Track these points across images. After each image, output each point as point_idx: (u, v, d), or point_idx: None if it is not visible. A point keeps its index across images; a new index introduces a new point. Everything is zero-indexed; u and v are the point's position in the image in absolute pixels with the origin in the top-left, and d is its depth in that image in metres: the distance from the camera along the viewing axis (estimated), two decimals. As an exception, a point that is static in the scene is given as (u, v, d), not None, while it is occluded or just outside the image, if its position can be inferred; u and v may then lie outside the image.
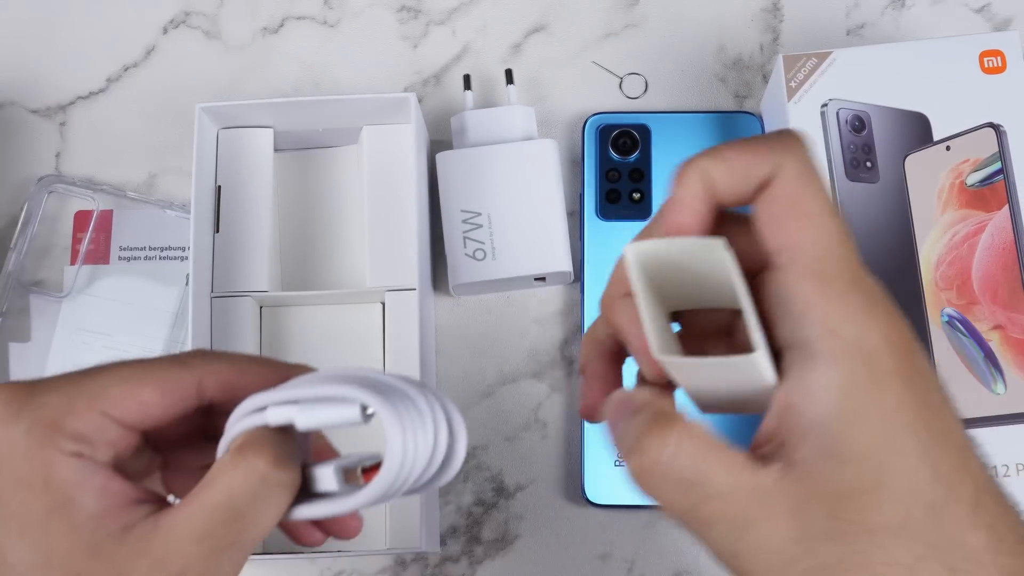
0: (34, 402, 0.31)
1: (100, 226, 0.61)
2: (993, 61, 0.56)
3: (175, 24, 0.65)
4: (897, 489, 0.28)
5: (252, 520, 0.31)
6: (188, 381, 0.33)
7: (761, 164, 0.30)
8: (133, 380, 0.32)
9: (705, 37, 0.64)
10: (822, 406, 0.28)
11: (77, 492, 0.31)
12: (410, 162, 0.56)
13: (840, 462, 0.28)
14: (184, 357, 0.34)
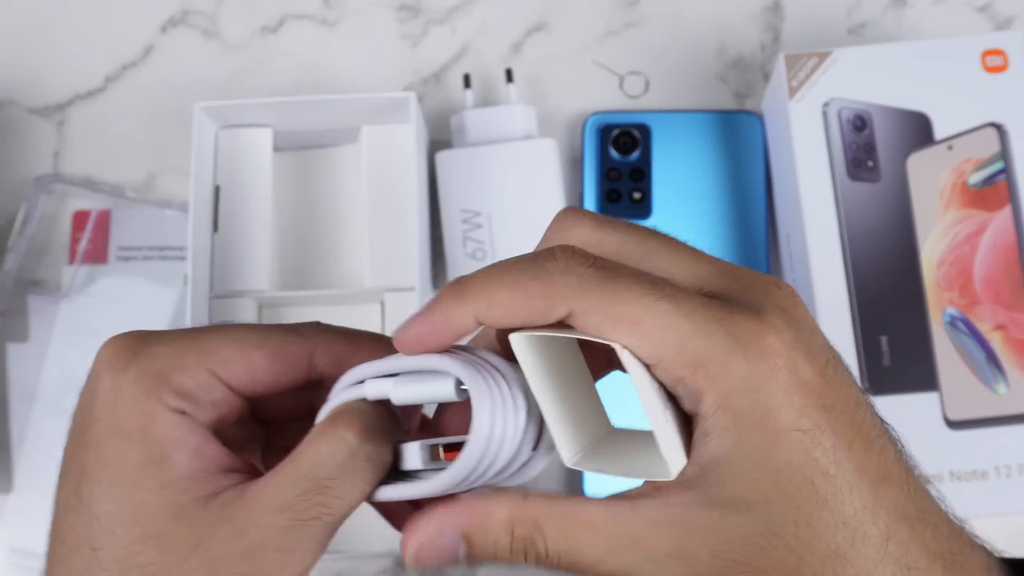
0: (146, 352, 0.31)
1: (98, 226, 0.61)
2: (995, 60, 0.56)
3: (174, 23, 0.65)
4: (788, 539, 0.28)
5: (335, 494, 0.30)
6: (301, 350, 0.32)
7: (555, 308, 0.29)
8: (247, 343, 0.32)
9: (706, 36, 0.64)
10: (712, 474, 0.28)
11: (173, 449, 0.30)
12: (410, 162, 0.56)
13: (722, 512, 0.28)
14: (299, 327, 0.33)
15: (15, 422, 0.57)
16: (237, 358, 0.31)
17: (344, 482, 0.30)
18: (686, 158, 0.61)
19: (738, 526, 0.28)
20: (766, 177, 0.61)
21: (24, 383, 0.58)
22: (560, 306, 0.28)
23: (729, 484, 0.28)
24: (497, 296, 0.29)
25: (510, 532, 0.29)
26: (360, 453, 0.30)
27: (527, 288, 0.29)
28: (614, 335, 0.28)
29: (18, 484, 0.57)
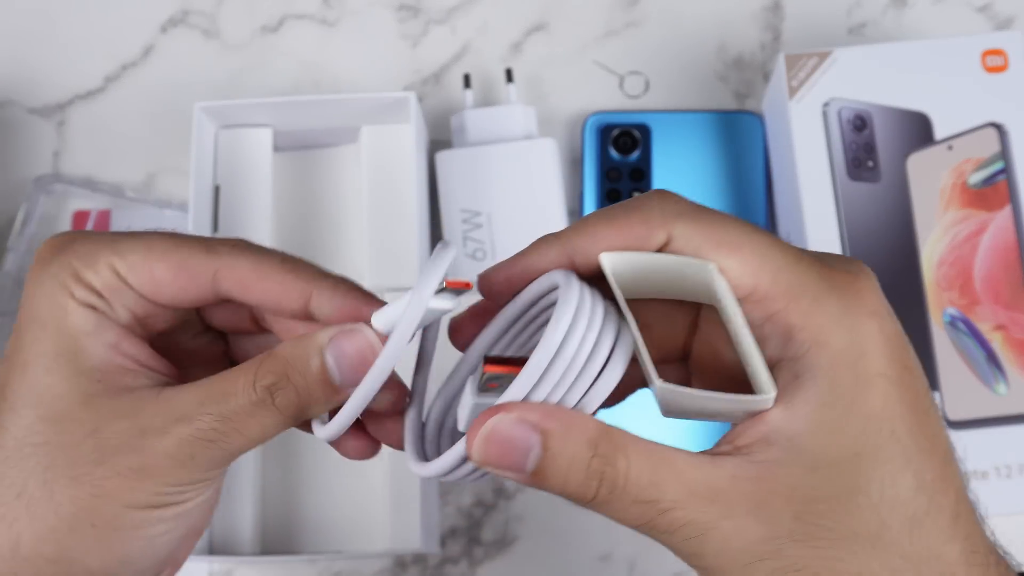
0: (68, 248, 0.31)
1: (98, 226, 0.61)
2: (995, 60, 0.56)
3: (174, 23, 0.65)
4: (874, 498, 0.27)
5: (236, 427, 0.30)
6: (205, 268, 0.32)
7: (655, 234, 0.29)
8: (155, 252, 0.31)
9: (706, 36, 0.64)
10: (801, 421, 0.27)
11: (87, 342, 0.31)
12: (410, 161, 0.56)
13: (809, 466, 0.27)
14: (214, 243, 0.32)
15: (15, 422, 0.57)
16: (141, 266, 0.31)
17: (243, 421, 0.30)
18: (686, 158, 0.61)
19: (824, 485, 0.27)
20: (766, 177, 0.61)
21: (24, 383, 0.58)
22: (659, 231, 0.29)
23: (818, 434, 0.27)
24: (596, 227, 0.29)
25: (593, 447, 0.27)
26: (267, 403, 0.30)
27: (627, 217, 0.29)
28: (714, 255, 0.28)
29: (18, 484, 0.57)
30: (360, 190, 0.58)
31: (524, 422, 0.27)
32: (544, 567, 0.57)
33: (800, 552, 0.27)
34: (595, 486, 0.27)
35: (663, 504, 0.27)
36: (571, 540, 0.57)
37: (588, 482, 0.27)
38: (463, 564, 0.57)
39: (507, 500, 0.57)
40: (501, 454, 0.27)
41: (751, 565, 0.27)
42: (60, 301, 0.31)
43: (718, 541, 0.27)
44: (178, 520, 0.31)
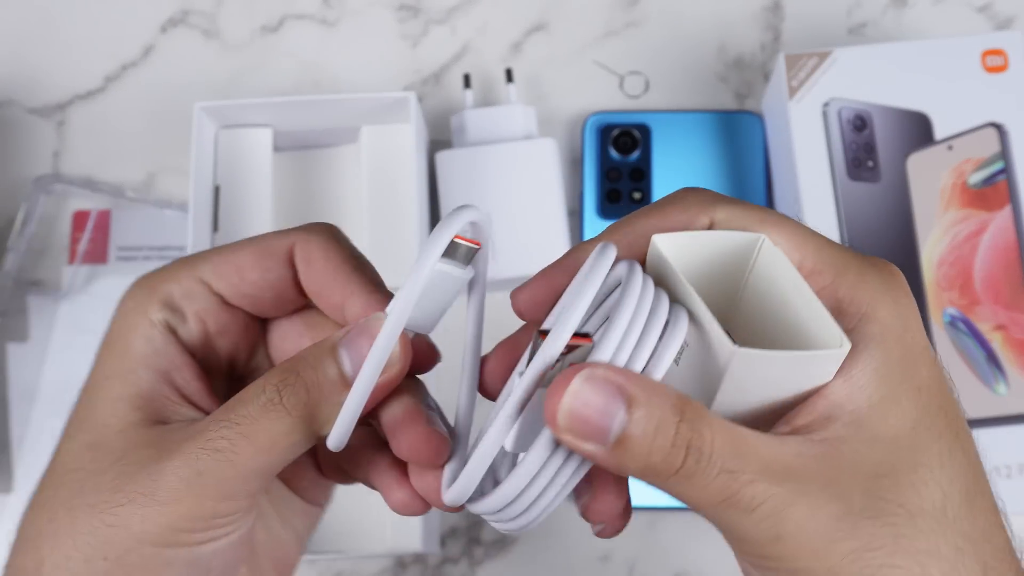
0: (149, 273, 0.33)
1: (98, 226, 0.61)
2: (995, 60, 0.56)
3: (174, 23, 0.65)
4: (935, 471, 0.26)
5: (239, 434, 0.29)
6: (282, 245, 0.32)
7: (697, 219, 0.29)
8: (232, 247, 0.33)
9: (706, 36, 0.64)
10: (861, 391, 0.27)
11: (140, 366, 0.31)
12: (410, 161, 0.56)
13: (871, 441, 0.26)
14: (286, 229, 0.33)
15: (15, 422, 0.57)
16: (223, 260, 0.32)
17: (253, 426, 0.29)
18: (686, 158, 0.61)
19: (888, 459, 0.26)
20: (766, 177, 0.61)
21: (24, 383, 0.58)
22: (701, 216, 0.29)
23: (878, 407, 0.27)
24: (635, 222, 0.29)
25: (679, 412, 0.26)
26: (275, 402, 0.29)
27: (663, 209, 0.29)
28: (760, 228, 0.28)
29: (18, 484, 0.57)
30: (360, 190, 0.58)
31: (609, 383, 0.25)
32: (544, 567, 0.57)
33: (874, 530, 0.26)
34: (682, 456, 0.25)
35: (747, 475, 0.25)
36: (571, 540, 0.57)
37: (675, 451, 0.25)
38: (463, 564, 0.57)
39: (507, 500, 0.57)
40: (586, 417, 0.25)
41: (829, 546, 0.26)
42: (132, 321, 0.32)
43: (796, 520, 0.26)
44: (191, 569, 0.30)
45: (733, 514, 0.26)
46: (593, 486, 0.31)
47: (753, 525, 0.26)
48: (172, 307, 0.32)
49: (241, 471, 0.29)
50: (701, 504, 0.26)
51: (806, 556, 0.26)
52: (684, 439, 0.25)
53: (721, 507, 0.26)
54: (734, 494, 0.25)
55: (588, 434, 0.25)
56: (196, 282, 0.32)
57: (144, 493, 0.29)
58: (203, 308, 0.32)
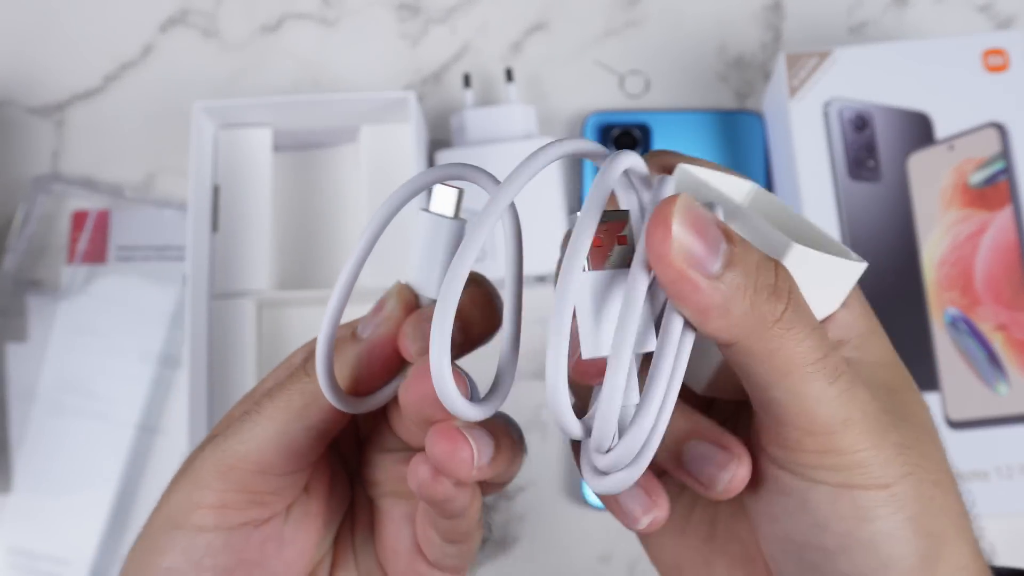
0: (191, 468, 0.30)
1: (97, 226, 0.61)
2: (996, 60, 0.56)
3: (173, 23, 0.65)
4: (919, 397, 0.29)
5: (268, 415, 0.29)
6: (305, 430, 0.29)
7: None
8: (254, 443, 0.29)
9: (706, 35, 0.64)
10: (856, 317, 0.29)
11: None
12: (409, 161, 0.56)
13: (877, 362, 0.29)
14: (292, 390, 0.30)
15: (14, 422, 0.57)
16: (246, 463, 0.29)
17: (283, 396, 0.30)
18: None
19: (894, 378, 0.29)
20: (767, 177, 0.60)
21: (23, 383, 0.58)
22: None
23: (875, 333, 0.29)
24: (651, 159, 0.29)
25: (773, 260, 0.25)
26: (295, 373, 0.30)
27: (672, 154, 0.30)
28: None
29: (17, 484, 0.57)
30: (360, 190, 0.58)
31: (706, 214, 0.24)
32: (544, 568, 0.57)
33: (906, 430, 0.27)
34: (785, 298, 0.24)
35: (828, 340, 0.25)
36: (571, 540, 0.57)
37: (779, 292, 0.24)
38: (463, 564, 0.57)
39: (507, 500, 0.57)
40: (693, 241, 0.23)
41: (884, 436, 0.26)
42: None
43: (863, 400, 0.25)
44: None
45: (818, 385, 0.25)
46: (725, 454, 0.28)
47: (829, 400, 0.25)
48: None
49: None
50: (794, 365, 0.25)
51: (867, 444, 0.25)
52: (785, 283, 0.24)
53: (809, 371, 0.25)
54: (825, 356, 0.25)
55: (698, 260, 0.23)
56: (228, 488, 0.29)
57: None
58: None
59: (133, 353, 0.58)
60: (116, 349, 0.58)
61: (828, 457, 0.26)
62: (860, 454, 0.25)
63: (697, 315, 0.24)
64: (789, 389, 0.25)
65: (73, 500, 0.56)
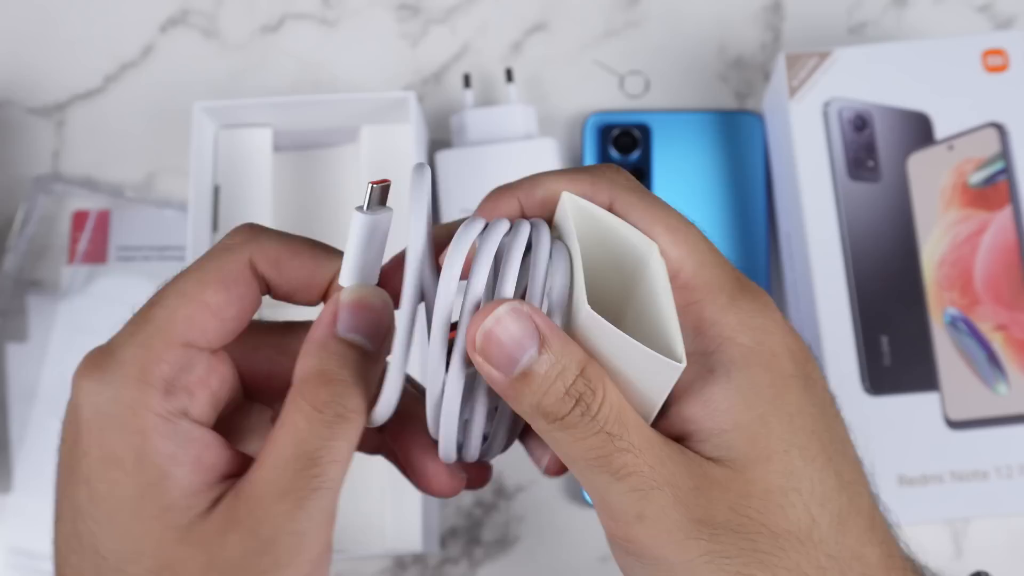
0: (114, 361, 0.28)
1: (98, 226, 0.61)
2: (996, 60, 0.56)
3: (173, 23, 0.65)
4: (804, 494, 0.27)
5: (328, 459, 0.28)
6: (241, 265, 0.30)
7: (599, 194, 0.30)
8: (192, 290, 0.29)
9: (706, 35, 0.64)
10: (723, 415, 0.28)
11: (171, 466, 0.28)
12: (410, 161, 0.56)
13: (741, 465, 0.27)
14: (228, 242, 0.31)
15: (15, 422, 0.57)
16: (195, 311, 0.29)
17: (331, 447, 0.28)
18: (686, 158, 0.60)
19: (758, 481, 0.27)
20: (766, 177, 0.61)
21: (24, 383, 0.58)
22: (604, 194, 0.29)
23: (746, 431, 0.27)
24: (544, 179, 0.30)
25: (581, 367, 0.27)
26: (337, 420, 0.28)
27: (576, 175, 0.30)
28: (650, 231, 0.29)
29: (17, 484, 0.57)
30: (360, 190, 0.58)
31: (531, 321, 0.27)
32: (544, 567, 0.57)
33: (735, 541, 0.27)
34: (571, 405, 0.27)
35: (624, 443, 0.27)
36: (571, 540, 0.57)
37: (566, 399, 0.27)
38: (463, 564, 0.57)
39: (507, 500, 0.57)
40: (502, 342, 0.27)
41: (686, 542, 0.27)
42: (138, 425, 0.28)
43: (661, 505, 0.27)
44: None
45: (603, 478, 0.27)
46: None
47: (620, 495, 0.27)
48: (175, 390, 0.28)
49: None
50: (575, 457, 0.27)
51: (665, 545, 0.27)
52: (578, 391, 0.27)
53: (593, 465, 0.27)
54: (608, 455, 0.27)
55: (498, 360, 0.27)
56: (181, 348, 0.29)
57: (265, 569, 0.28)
58: (204, 373, 0.29)
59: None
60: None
61: (632, 545, 0.28)
62: (659, 551, 0.27)
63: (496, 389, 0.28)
64: (578, 474, 0.28)
65: (73, 500, 0.56)
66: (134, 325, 0.30)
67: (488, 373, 0.28)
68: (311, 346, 0.30)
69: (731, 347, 0.28)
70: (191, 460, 0.28)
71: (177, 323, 0.29)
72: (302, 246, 0.31)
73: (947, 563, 0.56)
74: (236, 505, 0.28)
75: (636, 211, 0.29)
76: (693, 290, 0.29)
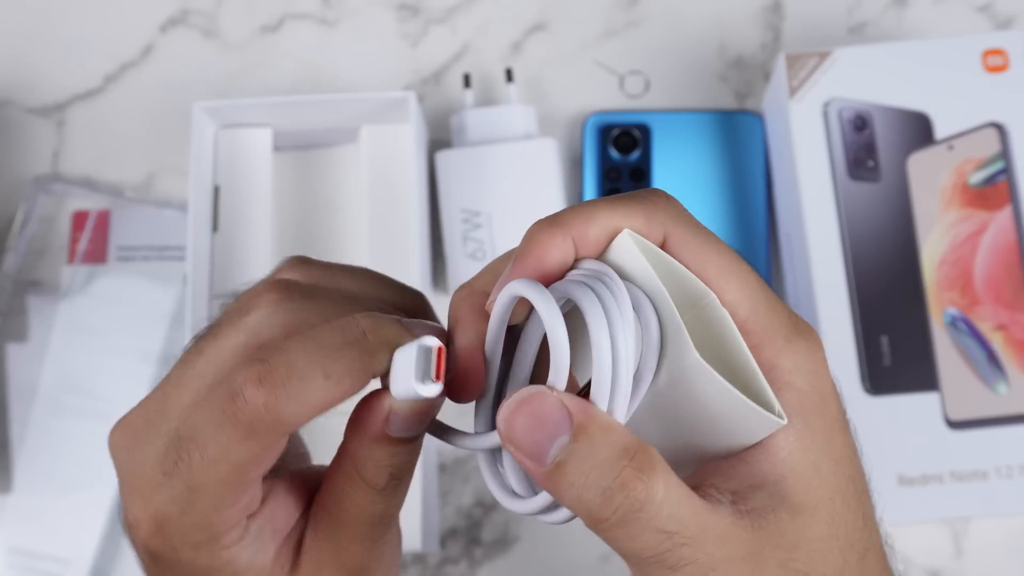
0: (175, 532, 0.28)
1: (98, 226, 0.61)
2: (996, 60, 0.56)
3: (173, 23, 0.65)
4: (840, 539, 0.27)
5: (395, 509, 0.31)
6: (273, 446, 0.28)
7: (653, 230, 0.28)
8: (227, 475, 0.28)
9: (706, 35, 0.64)
10: (782, 464, 0.27)
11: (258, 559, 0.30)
12: (410, 161, 0.56)
13: (793, 513, 0.27)
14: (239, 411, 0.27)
15: (15, 422, 0.57)
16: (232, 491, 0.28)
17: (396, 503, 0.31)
18: (686, 158, 0.60)
19: (806, 529, 0.27)
20: (766, 177, 0.61)
21: (24, 383, 0.58)
22: (658, 229, 0.28)
23: (801, 478, 0.27)
24: (597, 214, 0.28)
25: (628, 456, 0.25)
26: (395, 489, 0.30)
27: (627, 208, 0.28)
28: (703, 275, 0.28)
29: (17, 484, 0.57)
30: (360, 190, 0.58)
31: (561, 407, 0.25)
32: (544, 567, 0.57)
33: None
34: (616, 504, 0.25)
35: (681, 538, 0.25)
36: (571, 540, 0.57)
37: (611, 497, 0.25)
38: (463, 564, 0.57)
39: (507, 500, 0.57)
40: (528, 429, 0.25)
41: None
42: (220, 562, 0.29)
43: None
44: None
45: (656, 569, 0.26)
46: None
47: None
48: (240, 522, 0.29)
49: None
50: (628, 553, 0.26)
51: None
52: (623, 487, 0.25)
53: (648, 560, 0.26)
54: (665, 552, 0.25)
55: (527, 448, 0.26)
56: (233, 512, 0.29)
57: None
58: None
59: (133, 353, 0.58)
60: (116, 349, 0.58)
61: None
62: None
63: None
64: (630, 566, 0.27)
65: (73, 500, 0.56)
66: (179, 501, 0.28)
67: (523, 464, 0.26)
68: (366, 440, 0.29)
69: (789, 392, 0.28)
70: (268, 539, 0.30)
71: (226, 502, 0.28)
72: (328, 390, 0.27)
73: (947, 563, 0.56)
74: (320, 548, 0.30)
75: (690, 249, 0.28)
76: (748, 334, 0.28)
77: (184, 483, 0.27)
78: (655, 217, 0.28)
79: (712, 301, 0.28)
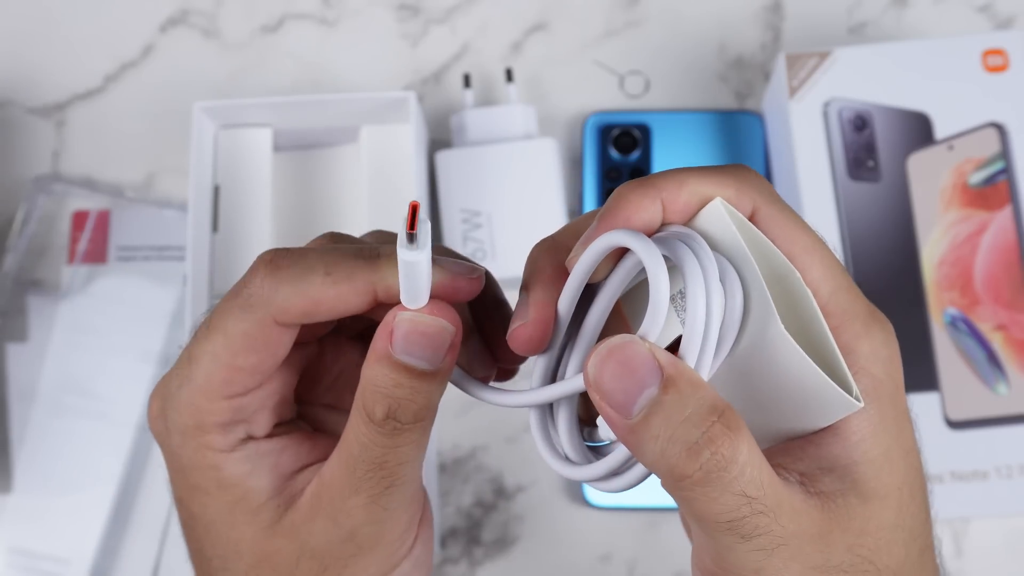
0: (173, 411, 0.30)
1: (98, 226, 0.61)
2: (996, 60, 0.56)
3: (173, 23, 0.65)
4: (905, 531, 0.27)
5: (395, 463, 0.29)
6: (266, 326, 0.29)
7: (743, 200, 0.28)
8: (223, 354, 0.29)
9: (706, 35, 0.64)
10: (855, 448, 0.27)
11: (250, 481, 0.30)
12: (409, 161, 0.56)
13: (864, 499, 0.27)
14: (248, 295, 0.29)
15: (15, 422, 0.57)
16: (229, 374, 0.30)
17: (396, 452, 0.29)
18: (686, 158, 0.60)
19: (875, 517, 0.27)
20: (766, 177, 0.60)
21: (24, 383, 0.58)
22: (747, 202, 0.28)
23: (872, 465, 0.27)
24: (689, 180, 0.27)
25: (716, 413, 0.24)
26: (395, 432, 0.29)
27: (719, 177, 0.28)
28: (789, 252, 0.27)
29: (17, 484, 0.57)
30: (360, 190, 0.58)
31: (650, 357, 0.25)
32: (544, 567, 0.57)
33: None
34: (702, 459, 0.24)
35: (760, 504, 0.25)
36: (571, 540, 0.57)
37: (695, 454, 0.24)
38: (463, 564, 0.57)
39: (507, 500, 0.57)
40: (616, 377, 0.25)
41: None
42: (205, 462, 0.30)
43: (782, 560, 0.26)
44: None
45: (729, 537, 0.25)
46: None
47: (744, 553, 0.26)
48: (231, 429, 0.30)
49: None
50: (705, 517, 0.25)
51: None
52: (709, 443, 0.24)
53: (723, 526, 0.25)
54: (743, 518, 0.25)
55: (613, 399, 0.25)
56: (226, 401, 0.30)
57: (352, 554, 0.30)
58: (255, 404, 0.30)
59: (133, 353, 0.58)
60: (116, 349, 0.58)
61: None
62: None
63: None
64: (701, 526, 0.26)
65: (74, 500, 0.56)
66: (180, 376, 0.30)
67: (607, 416, 0.25)
68: (371, 360, 0.29)
69: (864, 378, 0.27)
70: (268, 468, 0.31)
71: (215, 385, 0.30)
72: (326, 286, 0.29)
73: (947, 563, 0.56)
74: (320, 493, 0.30)
75: (777, 224, 0.28)
76: (828, 315, 0.27)
77: (188, 353, 0.30)
78: (746, 190, 0.28)
79: (797, 278, 0.27)
